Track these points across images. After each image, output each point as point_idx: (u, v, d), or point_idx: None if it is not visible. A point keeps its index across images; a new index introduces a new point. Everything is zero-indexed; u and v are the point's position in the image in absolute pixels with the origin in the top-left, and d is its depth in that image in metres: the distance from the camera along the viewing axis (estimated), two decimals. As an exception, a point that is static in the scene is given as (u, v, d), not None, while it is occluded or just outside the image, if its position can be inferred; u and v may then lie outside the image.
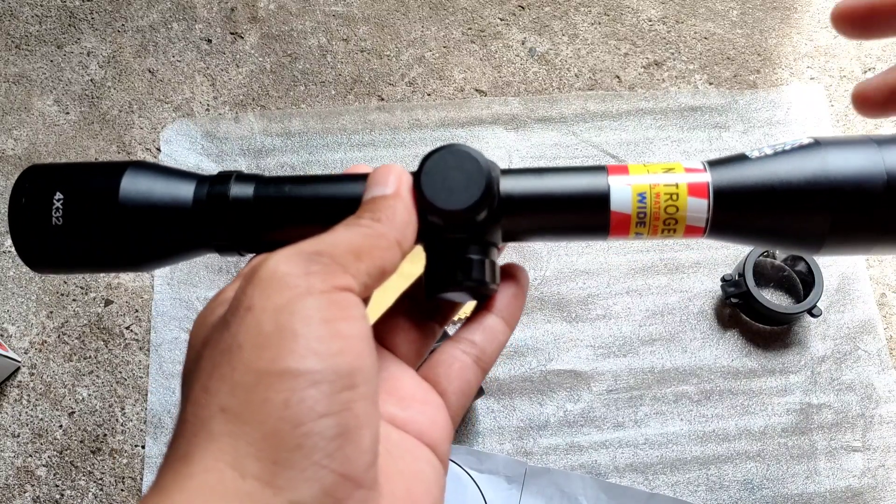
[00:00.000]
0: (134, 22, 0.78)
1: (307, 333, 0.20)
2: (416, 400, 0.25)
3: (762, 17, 0.79)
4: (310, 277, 0.21)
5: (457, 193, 0.25)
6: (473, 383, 0.27)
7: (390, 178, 0.25)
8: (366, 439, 0.20)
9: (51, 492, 0.60)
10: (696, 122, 0.73)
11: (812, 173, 0.25)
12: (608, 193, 0.26)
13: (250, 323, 0.20)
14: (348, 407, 0.20)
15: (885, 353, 0.65)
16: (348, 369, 0.20)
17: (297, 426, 0.19)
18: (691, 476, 0.61)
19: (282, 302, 0.20)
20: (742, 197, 0.25)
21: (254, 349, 0.20)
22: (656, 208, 0.26)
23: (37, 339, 0.65)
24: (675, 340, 0.65)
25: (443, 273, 0.26)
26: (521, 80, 0.75)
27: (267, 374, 0.19)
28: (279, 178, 0.28)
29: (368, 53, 0.76)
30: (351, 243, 0.23)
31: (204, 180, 0.27)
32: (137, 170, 0.27)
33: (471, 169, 0.25)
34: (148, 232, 0.26)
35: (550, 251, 0.68)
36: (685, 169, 0.26)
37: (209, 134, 0.72)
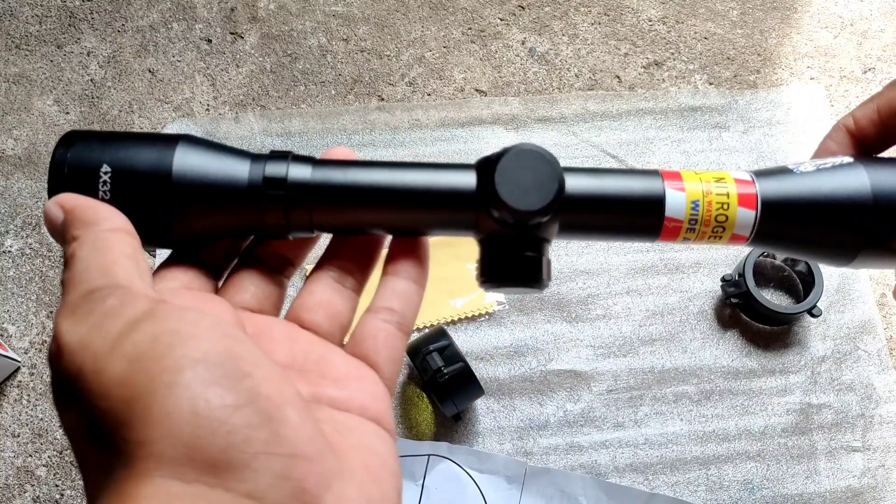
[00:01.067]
0: (134, 22, 0.78)
1: (166, 348, 0.19)
2: (351, 378, 0.25)
3: (762, 17, 0.79)
4: (112, 316, 0.20)
5: (530, 194, 0.25)
6: (400, 349, 0.27)
7: (54, 212, 0.24)
8: (292, 415, 0.20)
9: (51, 492, 0.60)
10: (696, 122, 0.73)
11: (853, 191, 0.26)
12: (663, 199, 0.27)
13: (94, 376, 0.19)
14: (256, 393, 0.19)
15: (885, 353, 0.65)
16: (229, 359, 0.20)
17: (217, 427, 0.18)
18: (691, 476, 0.61)
19: (110, 345, 0.20)
20: (787, 209, 0.27)
21: (122, 385, 0.19)
22: (707, 216, 0.27)
23: (37, 339, 0.65)
24: (675, 340, 0.65)
25: (502, 270, 0.27)
26: (521, 80, 0.75)
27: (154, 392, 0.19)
28: (333, 161, 0.27)
29: (368, 53, 0.76)
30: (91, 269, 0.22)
31: (258, 158, 0.26)
32: (189, 145, 0.25)
33: (543, 170, 0.26)
34: (200, 212, 0.25)
35: (550, 251, 0.68)
36: (735, 179, 0.27)
37: (209, 134, 0.72)
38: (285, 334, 0.26)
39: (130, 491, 0.18)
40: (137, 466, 0.18)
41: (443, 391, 0.58)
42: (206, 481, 0.18)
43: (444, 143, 0.72)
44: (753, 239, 0.27)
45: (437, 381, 0.57)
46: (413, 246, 0.28)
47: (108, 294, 0.21)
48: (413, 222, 0.27)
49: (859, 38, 0.78)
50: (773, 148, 0.72)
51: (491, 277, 0.27)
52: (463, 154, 0.71)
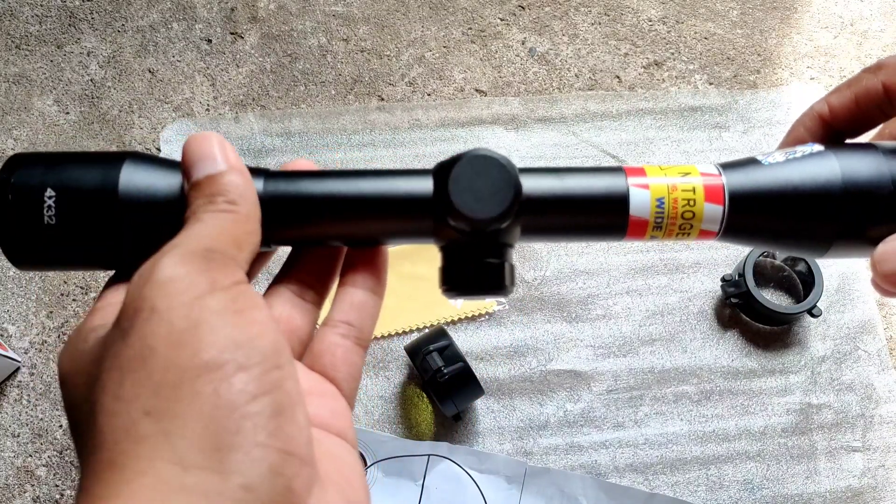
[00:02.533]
0: (134, 22, 0.78)
1: (222, 325, 0.20)
2: (312, 394, 0.25)
3: (762, 17, 0.79)
4: (211, 274, 0.21)
5: (485, 201, 0.25)
6: (359, 363, 0.27)
7: (215, 151, 0.24)
8: (300, 416, 0.21)
9: (51, 492, 0.60)
10: (696, 122, 0.73)
11: (824, 181, 0.26)
12: (627, 197, 0.26)
13: (158, 324, 0.20)
14: (279, 385, 0.20)
15: (885, 353, 0.65)
16: (271, 350, 0.21)
17: (233, 410, 0.19)
18: (691, 476, 0.61)
19: (189, 300, 0.20)
20: (755, 202, 0.26)
21: (168, 348, 0.20)
22: (674, 212, 0.26)
23: (37, 339, 0.65)
24: (675, 340, 0.65)
25: (463, 278, 0.26)
26: (521, 80, 0.75)
27: (189, 370, 0.19)
28: (288, 172, 0.27)
29: (368, 53, 0.76)
30: (229, 234, 0.23)
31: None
32: (135, 162, 0.25)
33: (498, 176, 0.25)
34: (149, 230, 0.25)
35: (550, 251, 0.68)
36: (701, 173, 0.26)
37: (209, 134, 0.72)
38: None
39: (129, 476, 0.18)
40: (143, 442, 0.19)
41: (443, 391, 0.58)
42: (205, 467, 0.18)
43: (444, 143, 0.72)
44: (723, 233, 0.27)
45: (437, 381, 0.57)
46: (370, 255, 0.28)
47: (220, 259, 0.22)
48: (370, 232, 0.27)
49: (859, 38, 0.78)
50: (773, 148, 0.72)
51: (453, 286, 0.26)
52: (463, 154, 0.71)
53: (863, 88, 0.27)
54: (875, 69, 0.27)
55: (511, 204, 0.25)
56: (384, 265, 0.28)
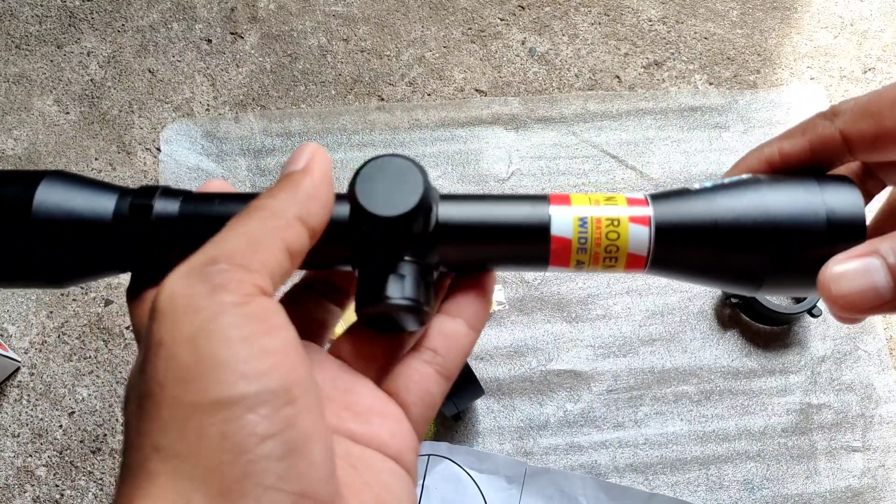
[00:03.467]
0: (134, 22, 0.78)
1: (230, 357, 0.19)
2: (374, 413, 0.24)
3: (762, 17, 0.79)
4: (215, 294, 0.19)
5: (392, 201, 0.23)
6: (436, 393, 0.26)
7: (303, 156, 0.24)
8: (317, 452, 0.19)
9: (51, 492, 0.60)
10: (696, 122, 0.73)
11: (755, 212, 0.24)
12: (549, 220, 0.25)
13: (165, 358, 0.19)
14: (292, 423, 0.19)
15: (885, 353, 0.65)
16: (283, 385, 0.19)
17: (240, 455, 0.18)
18: (691, 476, 0.61)
19: (193, 329, 0.19)
20: (683, 231, 0.25)
21: (176, 385, 0.19)
22: (598, 234, 0.25)
23: (37, 339, 0.65)
24: (675, 340, 0.65)
25: (371, 288, 0.24)
26: (521, 80, 0.75)
27: (197, 408, 0.18)
28: (209, 194, 0.26)
29: (368, 53, 0.76)
30: (245, 234, 0.21)
31: (127, 193, 0.25)
32: (54, 180, 0.25)
33: (408, 178, 0.24)
34: (63, 247, 0.25)
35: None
36: (627, 200, 0.26)
37: (209, 134, 0.72)
38: (316, 360, 0.25)
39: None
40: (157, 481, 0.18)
41: (443, 391, 0.58)
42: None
43: (444, 143, 0.72)
44: (651, 264, 0.25)
45: (437, 381, 0.57)
46: (476, 283, 0.26)
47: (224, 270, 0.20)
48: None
49: (859, 38, 0.78)
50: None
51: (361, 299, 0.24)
52: (463, 154, 0.71)
53: (818, 136, 0.26)
54: (830, 115, 0.26)
55: (419, 203, 0.23)
56: (488, 298, 0.27)
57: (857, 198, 0.24)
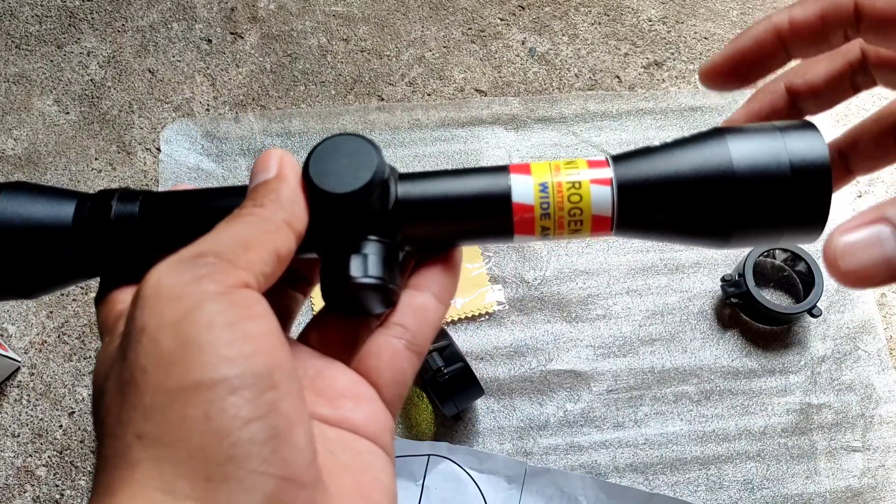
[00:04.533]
0: (134, 22, 0.78)
1: (213, 340, 0.19)
2: (346, 397, 0.24)
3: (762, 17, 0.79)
4: (200, 283, 0.20)
5: (345, 178, 0.23)
6: (408, 370, 0.25)
7: (271, 163, 0.24)
8: (299, 437, 0.20)
9: (51, 492, 0.60)
10: (696, 122, 0.73)
11: (716, 165, 0.24)
12: (509, 188, 0.25)
13: (147, 344, 0.19)
14: (275, 408, 0.19)
15: (885, 353, 0.65)
16: (266, 369, 0.19)
17: (223, 437, 0.18)
18: (691, 476, 0.61)
19: (177, 314, 0.19)
20: (645, 189, 0.24)
21: (159, 369, 0.19)
22: (560, 198, 0.24)
23: (37, 339, 0.65)
24: (675, 340, 0.65)
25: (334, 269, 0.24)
26: (521, 80, 0.75)
27: (179, 391, 0.18)
28: (169, 192, 0.26)
29: (368, 53, 0.76)
30: (235, 236, 0.21)
31: (87, 198, 0.25)
32: (13, 191, 0.25)
33: (361, 155, 0.24)
34: (27, 257, 0.25)
35: (550, 251, 0.68)
36: (588, 162, 0.25)
37: (209, 134, 0.72)
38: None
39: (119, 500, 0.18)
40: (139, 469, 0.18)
41: (443, 391, 0.58)
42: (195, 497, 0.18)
43: (444, 143, 0.72)
44: (618, 225, 0.25)
45: (437, 381, 0.57)
46: (443, 257, 0.26)
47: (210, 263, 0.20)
48: None
49: (859, 38, 0.78)
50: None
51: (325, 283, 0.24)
52: (463, 154, 0.71)
53: (831, 4, 0.24)
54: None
55: (371, 179, 0.23)
56: (455, 270, 0.26)
57: (821, 142, 0.23)
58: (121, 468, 0.18)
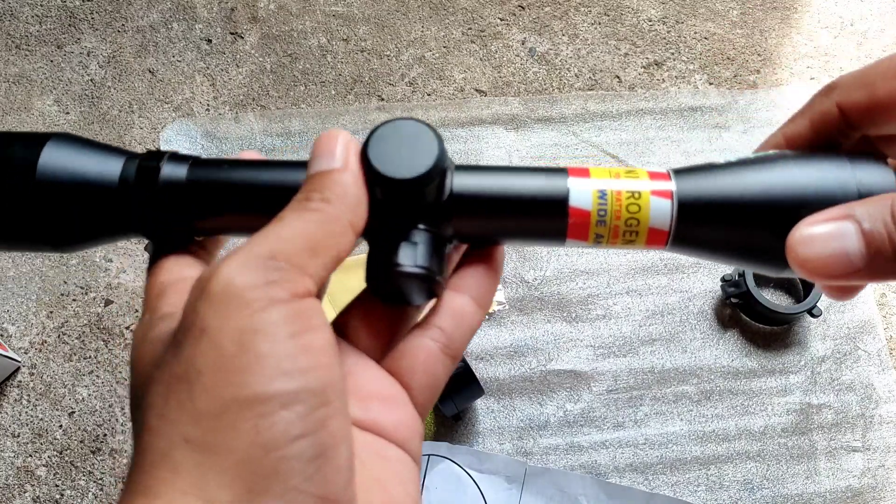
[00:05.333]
0: (134, 22, 0.78)
1: (274, 353, 0.19)
2: (378, 398, 0.24)
3: (762, 17, 0.79)
4: (269, 288, 0.19)
5: (406, 164, 0.23)
6: (441, 374, 0.25)
7: (337, 149, 0.22)
8: (342, 457, 0.19)
9: (51, 492, 0.60)
10: (696, 122, 0.73)
11: (783, 188, 0.23)
12: (567, 191, 0.24)
13: (207, 346, 0.19)
14: (324, 425, 0.19)
15: (885, 353, 0.65)
16: (321, 385, 0.19)
17: (270, 451, 0.18)
18: (691, 476, 0.61)
19: (241, 320, 0.19)
20: (707, 206, 0.24)
21: (215, 374, 0.18)
22: (618, 207, 0.24)
23: (37, 339, 0.65)
24: (675, 340, 0.65)
25: (382, 256, 0.23)
26: (521, 80, 0.75)
27: (233, 402, 0.18)
28: (218, 160, 0.25)
29: (368, 53, 0.76)
30: (306, 237, 0.21)
31: (134, 157, 0.25)
32: (60, 142, 0.24)
33: (423, 141, 0.23)
34: (67, 210, 0.24)
35: (550, 251, 0.68)
36: (649, 173, 0.25)
37: (209, 134, 0.72)
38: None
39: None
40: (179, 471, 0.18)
41: (443, 391, 0.57)
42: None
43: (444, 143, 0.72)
44: (673, 240, 0.24)
45: (437, 381, 0.57)
46: (486, 257, 0.26)
47: (282, 268, 0.20)
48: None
49: (859, 38, 0.78)
50: (773, 148, 0.72)
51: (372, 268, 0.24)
52: (463, 154, 0.71)
53: (817, 114, 0.25)
54: (827, 91, 0.25)
55: (433, 166, 0.23)
56: (497, 273, 0.26)
57: (889, 174, 0.23)
58: (162, 469, 0.18)
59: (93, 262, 0.67)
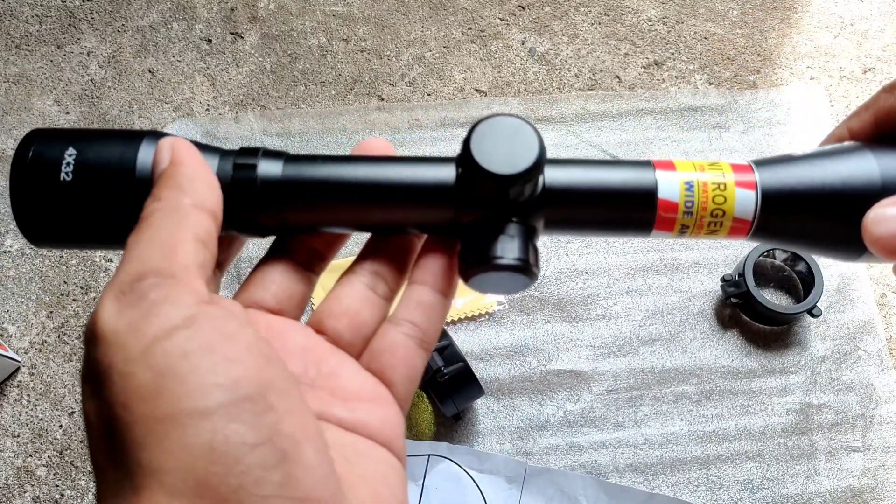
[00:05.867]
0: (134, 22, 0.78)
1: (193, 369, 0.18)
2: (362, 399, 0.24)
3: (762, 17, 0.79)
4: (157, 311, 0.18)
5: (509, 159, 0.23)
6: (419, 367, 0.25)
7: (162, 154, 0.23)
8: (309, 454, 0.19)
9: (51, 492, 0.60)
10: (696, 122, 0.73)
11: (865, 178, 0.24)
12: (655, 183, 0.25)
13: (119, 380, 0.18)
14: (277, 430, 0.18)
15: (885, 353, 0.65)
16: (257, 391, 0.18)
17: (232, 466, 0.17)
18: (691, 476, 0.61)
19: (142, 346, 0.18)
20: (789, 197, 0.25)
21: (143, 402, 0.17)
22: (704, 198, 0.25)
23: (37, 339, 0.65)
24: (675, 340, 0.65)
25: (480, 249, 0.24)
26: (521, 80, 0.75)
27: (173, 419, 0.17)
28: (308, 156, 0.26)
29: (368, 53, 0.76)
30: (152, 241, 0.20)
31: (227, 155, 0.25)
32: (155, 141, 0.25)
33: (523, 136, 0.24)
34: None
35: (550, 251, 0.68)
36: (732, 166, 0.26)
37: (209, 134, 0.72)
38: (300, 343, 0.24)
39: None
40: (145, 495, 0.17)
41: (443, 391, 0.58)
42: None
43: (444, 143, 0.72)
44: (755, 230, 0.25)
45: (437, 381, 0.57)
46: (444, 250, 0.26)
47: (156, 284, 0.19)
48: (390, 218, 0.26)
49: (859, 38, 0.78)
50: (773, 148, 0.72)
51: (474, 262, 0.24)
52: (463, 154, 0.71)
53: (882, 109, 0.26)
54: (891, 88, 0.26)
55: (536, 162, 0.23)
56: (454, 260, 0.26)
57: None
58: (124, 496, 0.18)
59: (93, 262, 0.67)
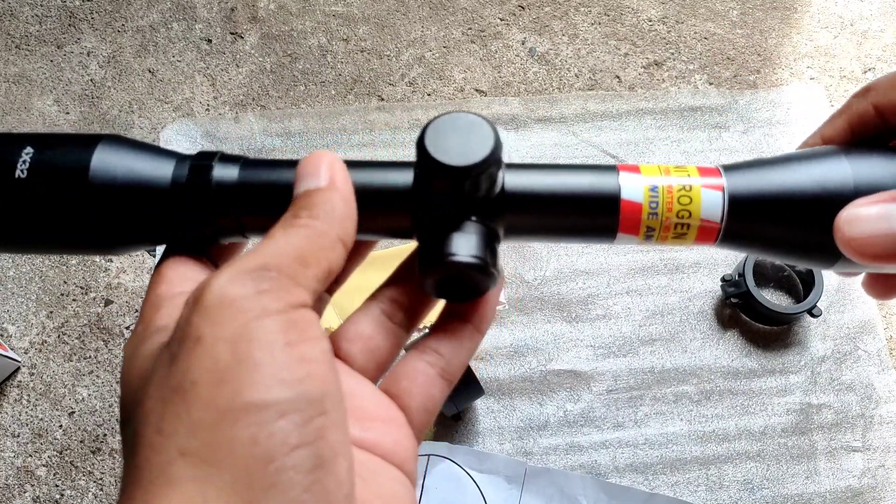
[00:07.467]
0: (134, 22, 0.78)
1: (270, 361, 0.19)
2: (378, 419, 0.24)
3: (762, 17, 0.79)
4: (262, 298, 0.19)
5: (462, 152, 0.23)
6: (438, 398, 0.25)
7: (321, 168, 0.23)
8: (342, 468, 0.19)
9: (51, 492, 0.60)
10: (696, 122, 0.73)
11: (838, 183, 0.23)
12: (619, 187, 0.24)
13: (202, 356, 0.19)
14: (322, 435, 0.19)
15: (885, 353, 0.65)
16: (318, 394, 0.19)
17: (268, 462, 0.18)
18: (691, 476, 0.61)
19: (236, 329, 0.19)
20: (758, 201, 0.24)
21: (211, 385, 0.18)
22: (669, 200, 0.24)
23: (37, 339, 0.65)
24: (675, 340, 0.65)
25: (434, 248, 0.23)
26: (521, 80, 0.75)
27: (229, 411, 0.18)
28: (267, 161, 0.25)
29: (368, 53, 0.76)
30: (295, 249, 0.21)
31: (184, 159, 0.25)
32: (111, 144, 0.24)
33: (479, 131, 0.23)
34: (119, 213, 0.24)
35: (550, 251, 0.68)
36: (699, 169, 0.25)
37: (209, 134, 0.72)
38: None
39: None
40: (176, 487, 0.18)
41: (443, 391, 0.58)
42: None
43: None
44: (724, 235, 0.24)
45: (437, 381, 0.57)
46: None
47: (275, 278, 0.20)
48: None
49: (859, 38, 0.78)
50: (773, 148, 0.72)
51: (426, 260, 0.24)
52: (463, 154, 0.71)
53: (855, 114, 0.26)
54: (863, 93, 0.25)
55: (490, 153, 0.23)
56: (493, 301, 0.26)
57: None
58: (159, 485, 0.18)
59: (93, 262, 0.67)
